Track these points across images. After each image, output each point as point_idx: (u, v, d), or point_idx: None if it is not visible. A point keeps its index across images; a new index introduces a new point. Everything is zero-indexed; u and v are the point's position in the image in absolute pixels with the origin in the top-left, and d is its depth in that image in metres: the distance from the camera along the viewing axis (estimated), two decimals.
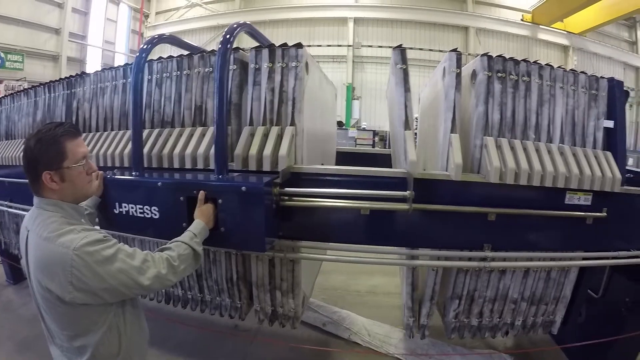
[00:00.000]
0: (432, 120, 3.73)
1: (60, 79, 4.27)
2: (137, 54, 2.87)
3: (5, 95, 5.29)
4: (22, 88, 16.96)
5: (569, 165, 2.91)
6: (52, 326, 1.99)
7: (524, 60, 3.06)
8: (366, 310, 5.57)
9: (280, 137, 2.86)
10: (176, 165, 3.09)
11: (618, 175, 3.00)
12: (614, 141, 3.17)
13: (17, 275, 6.28)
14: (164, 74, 3.39)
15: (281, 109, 2.95)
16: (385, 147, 18.53)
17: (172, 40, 3.36)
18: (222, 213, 2.45)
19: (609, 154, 3.11)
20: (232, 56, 3.02)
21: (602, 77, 3.23)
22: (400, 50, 2.99)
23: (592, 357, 4.11)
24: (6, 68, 17.72)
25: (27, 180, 3.79)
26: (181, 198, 2.48)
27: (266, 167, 2.78)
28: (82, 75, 4.01)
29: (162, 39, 3.12)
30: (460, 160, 2.75)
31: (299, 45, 2.97)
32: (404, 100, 2.94)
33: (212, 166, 2.90)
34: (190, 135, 3.14)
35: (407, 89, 2.95)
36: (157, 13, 25.69)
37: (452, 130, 2.90)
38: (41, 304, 1.98)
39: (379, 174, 2.89)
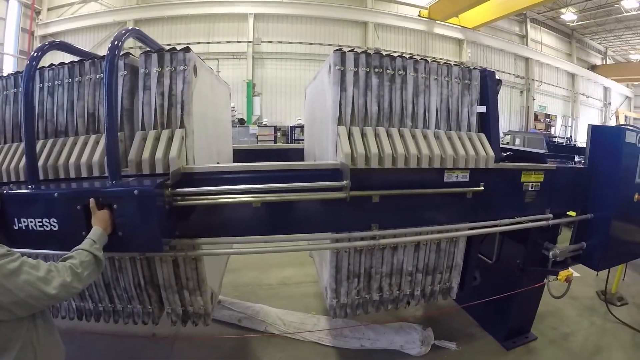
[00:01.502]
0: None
1: None
2: (27, 62, 2.81)
3: None
4: None
5: (444, 147, 3.24)
6: None
7: (399, 55, 3.36)
8: (279, 302, 5.72)
9: (171, 140, 2.91)
10: (72, 174, 3.05)
11: (491, 153, 3.41)
12: (487, 124, 3.58)
13: None
14: (56, 82, 3.32)
15: (171, 112, 3.00)
16: (287, 142, 19.13)
17: (63, 46, 3.28)
18: (118, 218, 2.49)
19: (482, 135, 3.50)
20: (122, 62, 3.03)
21: (474, 68, 3.59)
22: (340, 52, 3.15)
23: (494, 314, 4.66)
24: None
25: None
26: (78, 207, 2.48)
27: (159, 169, 2.83)
28: None
29: (52, 45, 3.05)
30: (349, 149, 2.98)
31: (186, 49, 3.05)
32: (340, 99, 3.12)
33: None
34: (85, 144, 3.11)
35: (343, 88, 3.13)
36: (49, 9, 23.61)
37: (339, 123, 3.13)
38: None
39: (274, 167, 3.09)
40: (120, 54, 2.81)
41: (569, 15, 27.62)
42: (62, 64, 3.34)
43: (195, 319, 3.42)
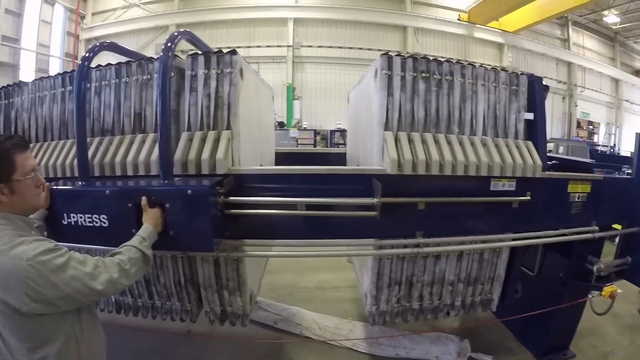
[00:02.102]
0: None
1: None
2: (79, 62, 2.86)
3: None
4: None
5: (491, 155, 3.17)
6: (11, 340, 1.97)
7: (447, 60, 3.30)
8: (315, 305, 5.72)
9: (217, 141, 2.94)
10: (118, 172, 3.09)
11: (539, 161, 3.30)
12: (534, 132, 3.47)
13: None
14: (103, 82, 3.37)
15: (217, 114, 3.03)
16: (326, 146, 19.13)
17: (113, 47, 3.35)
18: (170, 217, 2.51)
19: (529, 143, 3.40)
20: None
21: (522, 74, 3.50)
22: (387, 57, 3.14)
23: (533, 328, 4.51)
24: None
25: None
26: (129, 205, 2.50)
27: (205, 170, 2.86)
28: (20, 84, 3.92)
29: (103, 46, 3.12)
30: (396, 155, 2.95)
31: (233, 52, 3.07)
32: (387, 103, 3.10)
33: (153, 172, 2.97)
34: (131, 143, 3.15)
35: (390, 93, 3.11)
36: (93, 14, 24.44)
37: (386, 128, 3.10)
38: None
39: (330, 171, 3.13)
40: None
41: (611, 18, 26.36)
42: (109, 65, 3.40)
43: (233, 319, 3.44)
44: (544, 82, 3.61)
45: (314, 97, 21.80)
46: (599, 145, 24.67)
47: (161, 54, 2.72)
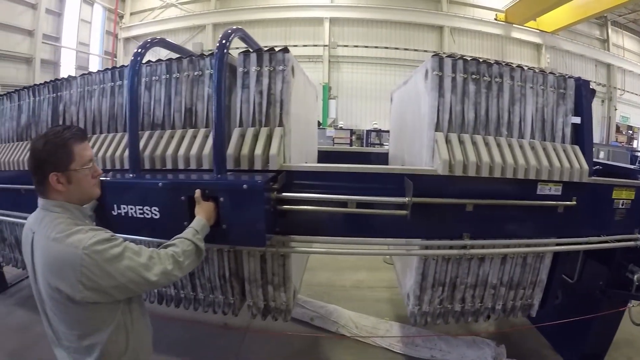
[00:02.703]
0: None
1: (45, 82, 4.27)
2: (132, 58, 2.92)
3: None
4: None
5: (539, 159, 3.15)
6: (60, 327, 2.01)
7: (496, 62, 3.29)
8: (352, 304, 5.72)
9: (269, 138, 2.99)
10: (169, 166, 3.15)
11: (585, 166, 3.26)
12: (581, 136, 3.44)
13: (0, 284, 6.18)
14: (153, 77, 3.44)
15: (270, 111, 3.08)
16: (362, 146, 19.15)
17: (163, 43, 3.41)
18: (223, 210, 2.55)
19: (576, 147, 3.36)
20: None
21: (569, 77, 3.46)
22: (439, 58, 3.15)
23: (569, 336, 4.45)
24: None
25: (11, 186, 3.96)
26: (182, 198, 2.55)
27: (257, 166, 2.91)
28: (69, 78, 4.02)
29: (154, 42, 3.17)
30: (447, 156, 2.96)
31: (285, 50, 3.11)
32: (437, 104, 3.12)
33: (205, 166, 3.03)
34: (182, 137, 3.21)
35: (441, 94, 3.13)
36: (131, 14, 25.14)
37: (437, 129, 3.12)
38: (48, 306, 2.01)
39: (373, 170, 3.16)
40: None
41: None
42: (159, 60, 3.47)
43: (276, 314, 3.48)
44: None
45: (349, 96, 21.91)
46: (638, 151, 23.92)
47: (216, 51, 2.76)
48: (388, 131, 19.70)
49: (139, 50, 2.96)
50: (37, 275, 2.02)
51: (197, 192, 2.49)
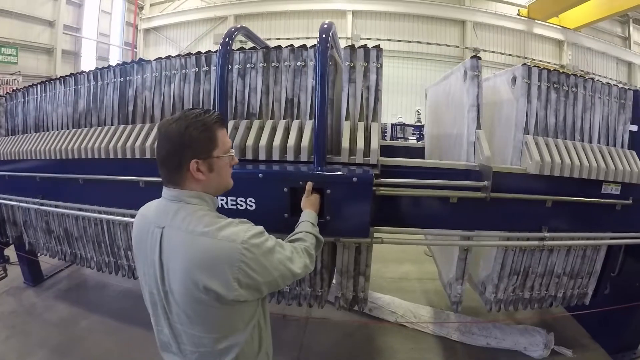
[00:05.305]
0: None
1: (110, 65, 4.11)
2: (220, 47, 2.95)
3: (33, 84, 4.83)
4: (17, 82, 16.87)
5: (606, 161, 3.46)
6: (193, 331, 1.82)
7: (573, 73, 3.65)
8: (403, 295, 5.82)
9: (367, 132, 3.15)
10: (262, 157, 3.09)
11: None
12: (637, 142, 3.77)
13: (36, 277, 6.08)
14: (247, 65, 3.38)
15: (376, 107, 3.22)
16: (384, 139, 18.96)
17: (246, 32, 3.47)
18: (329, 202, 2.57)
19: (633, 152, 3.69)
20: None
21: (629, 89, 3.80)
22: (527, 67, 3.41)
23: (606, 325, 4.74)
24: (0, 62, 17.57)
25: (60, 176, 4.05)
26: (285, 189, 2.55)
27: (359, 159, 2.98)
28: (140, 62, 3.88)
29: (239, 29, 3.26)
30: (539, 157, 3.20)
31: (377, 46, 3.26)
32: (526, 110, 3.39)
33: (302, 158, 3.05)
34: (284, 128, 3.18)
35: (529, 100, 3.39)
36: (151, 5, 25.40)
37: (526, 132, 3.39)
38: (182, 308, 1.79)
39: (453, 166, 3.32)
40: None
41: None
42: (253, 49, 3.48)
43: (362, 305, 3.61)
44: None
45: None
46: None
47: (318, 45, 2.78)
48: (412, 125, 19.92)
49: (226, 39, 3.02)
50: (167, 274, 1.79)
51: (309, 185, 2.52)
